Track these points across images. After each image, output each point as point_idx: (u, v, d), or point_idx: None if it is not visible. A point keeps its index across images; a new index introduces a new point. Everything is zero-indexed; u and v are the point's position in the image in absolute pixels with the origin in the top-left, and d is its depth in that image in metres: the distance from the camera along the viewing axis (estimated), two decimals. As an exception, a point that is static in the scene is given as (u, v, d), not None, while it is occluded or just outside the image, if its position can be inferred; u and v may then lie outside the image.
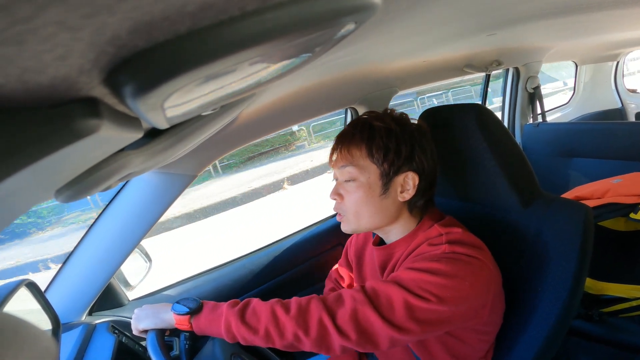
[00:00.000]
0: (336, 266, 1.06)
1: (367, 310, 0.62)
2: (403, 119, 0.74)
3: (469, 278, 0.63)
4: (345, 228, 0.76)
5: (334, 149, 0.76)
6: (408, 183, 0.72)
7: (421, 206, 0.76)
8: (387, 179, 0.71)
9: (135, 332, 0.77)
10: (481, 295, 0.66)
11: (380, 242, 0.83)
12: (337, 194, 0.75)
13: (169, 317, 0.72)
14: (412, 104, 10.70)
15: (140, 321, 0.75)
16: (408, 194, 0.72)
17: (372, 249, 0.88)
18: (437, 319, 0.62)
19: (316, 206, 5.12)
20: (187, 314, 0.70)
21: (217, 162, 7.89)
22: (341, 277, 1.04)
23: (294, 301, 0.66)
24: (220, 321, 0.67)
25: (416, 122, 0.76)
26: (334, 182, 0.78)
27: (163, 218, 1.00)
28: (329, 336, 0.63)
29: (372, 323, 0.62)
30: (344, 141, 0.73)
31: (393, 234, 0.77)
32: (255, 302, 0.69)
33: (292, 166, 8.20)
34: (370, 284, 0.66)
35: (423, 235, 0.73)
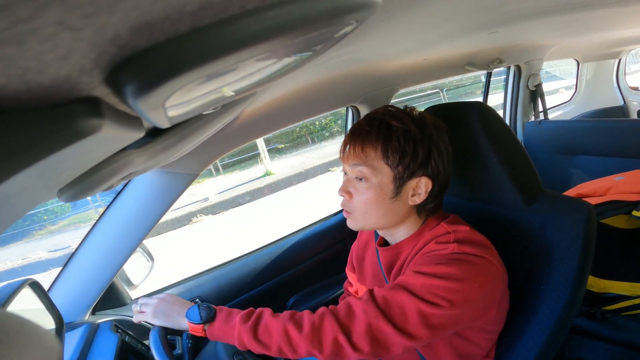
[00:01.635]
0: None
1: (382, 324, 0.62)
2: (422, 119, 0.70)
3: (478, 279, 0.63)
4: (351, 225, 0.75)
5: (345, 144, 0.72)
6: (420, 187, 0.70)
7: (430, 209, 0.74)
8: (399, 183, 0.68)
9: (141, 320, 0.77)
10: (490, 295, 0.66)
11: (384, 242, 0.82)
12: (346, 191, 0.72)
13: (184, 324, 0.72)
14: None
15: (156, 316, 0.75)
16: (419, 198, 0.70)
17: (373, 250, 0.87)
18: (448, 323, 0.63)
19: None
20: (200, 323, 0.70)
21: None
22: (350, 284, 1.04)
23: (306, 319, 0.66)
24: (233, 334, 0.67)
25: (435, 121, 0.71)
26: (344, 177, 0.75)
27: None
28: (344, 351, 0.63)
29: (386, 335, 0.62)
30: (358, 138, 0.69)
31: (399, 234, 0.76)
32: (267, 317, 0.68)
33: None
34: (381, 293, 0.65)
35: (430, 234, 0.72)
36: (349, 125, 1.49)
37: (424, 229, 0.74)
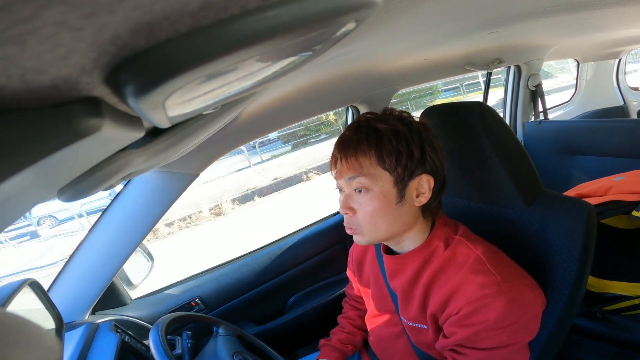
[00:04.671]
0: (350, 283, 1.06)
1: None
2: (407, 117, 0.67)
3: (530, 308, 0.64)
4: (360, 241, 0.70)
5: (335, 158, 0.68)
6: (423, 186, 0.67)
7: (434, 208, 0.72)
8: (402, 185, 0.65)
9: None
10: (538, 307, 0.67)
11: (387, 248, 0.80)
12: (348, 208, 0.67)
13: None
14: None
15: None
16: (424, 198, 0.67)
17: (373, 255, 0.87)
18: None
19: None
20: None
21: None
22: (351, 287, 1.04)
23: None
24: None
25: (418, 119, 0.70)
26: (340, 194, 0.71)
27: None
28: None
29: None
30: (349, 149, 0.65)
31: (407, 243, 0.73)
32: None
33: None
34: None
35: (446, 253, 0.69)
36: (349, 125, 1.49)
37: (432, 240, 0.72)
